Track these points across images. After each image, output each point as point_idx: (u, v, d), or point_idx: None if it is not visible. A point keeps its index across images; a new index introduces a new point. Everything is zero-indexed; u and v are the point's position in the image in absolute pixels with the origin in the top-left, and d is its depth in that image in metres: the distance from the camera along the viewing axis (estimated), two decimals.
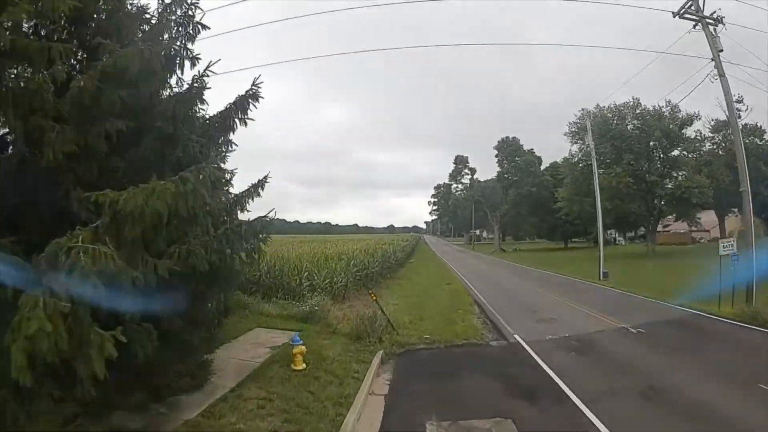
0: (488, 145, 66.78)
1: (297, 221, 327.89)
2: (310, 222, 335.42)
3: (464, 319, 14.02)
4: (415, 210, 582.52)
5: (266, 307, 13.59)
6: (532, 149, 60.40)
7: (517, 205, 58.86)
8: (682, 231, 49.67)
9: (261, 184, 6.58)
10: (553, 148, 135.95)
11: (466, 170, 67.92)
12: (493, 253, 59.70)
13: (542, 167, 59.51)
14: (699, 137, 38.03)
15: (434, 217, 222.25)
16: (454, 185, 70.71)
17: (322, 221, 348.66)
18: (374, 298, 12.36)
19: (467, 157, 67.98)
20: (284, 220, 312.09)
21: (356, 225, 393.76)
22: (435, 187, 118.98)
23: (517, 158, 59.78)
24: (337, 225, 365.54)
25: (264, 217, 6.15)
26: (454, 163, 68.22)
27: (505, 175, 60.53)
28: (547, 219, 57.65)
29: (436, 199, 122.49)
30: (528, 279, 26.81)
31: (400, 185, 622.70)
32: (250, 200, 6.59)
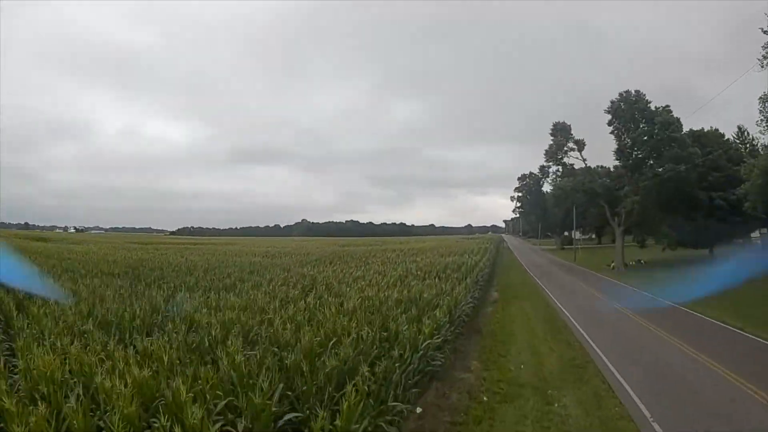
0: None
1: (371, 222, 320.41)
2: (385, 223, 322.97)
3: None
4: (493, 208, 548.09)
5: None
6: (668, 106, 39.06)
7: (650, 195, 38.38)
8: None
9: None
10: None
11: (571, 144, 46.48)
12: (614, 271, 39.97)
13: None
14: None
15: (515, 215, 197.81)
16: (554, 167, 49.28)
17: (398, 222, 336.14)
18: None
19: (570, 125, 47.23)
20: (357, 221, 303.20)
21: (432, 225, 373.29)
22: (519, 178, 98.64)
23: (644, 120, 38.98)
24: (413, 226, 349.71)
25: None
26: (552, 134, 47.41)
27: (630, 150, 40.13)
28: (694, 216, 36.74)
29: (520, 194, 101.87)
30: None
31: (476, 183, 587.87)
32: None
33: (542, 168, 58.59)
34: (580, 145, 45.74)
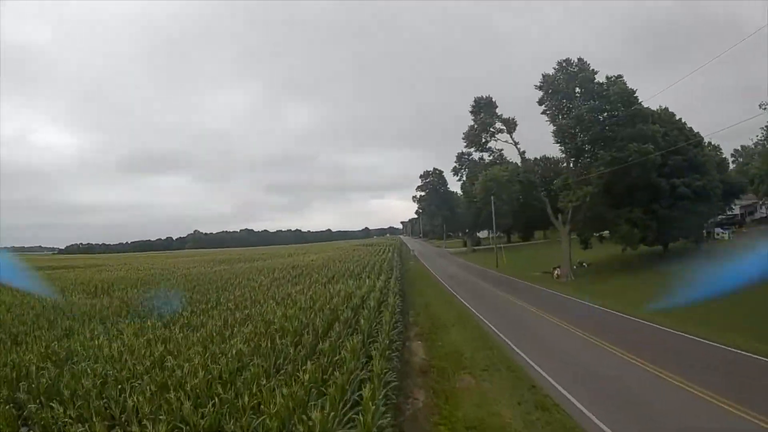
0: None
1: (266, 230, 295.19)
2: (281, 230, 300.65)
3: None
4: (389, 211, 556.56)
5: None
6: (621, 76, 30.94)
7: (608, 184, 30.04)
8: None
9: None
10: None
11: (498, 124, 35.94)
12: (559, 281, 30.96)
13: None
14: None
15: (415, 216, 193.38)
16: (476, 154, 39.07)
17: (293, 228, 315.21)
18: None
19: (496, 102, 36.52)
20: (251, 230, 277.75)
21: (329, 230, 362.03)
22: (422, 176, 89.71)
23: (591, 95, 30.54)
24: (309, 232, 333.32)
25: None
26: (473, 113, 36.80)
27: (573, 131, 31.38)
28: (655, 208, 29.28)
29: (423, 193, 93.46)
30: None
31: (372, 187, 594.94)
32: None
33: (460, 156, 49.00)
34: (510, 125, 36.14)
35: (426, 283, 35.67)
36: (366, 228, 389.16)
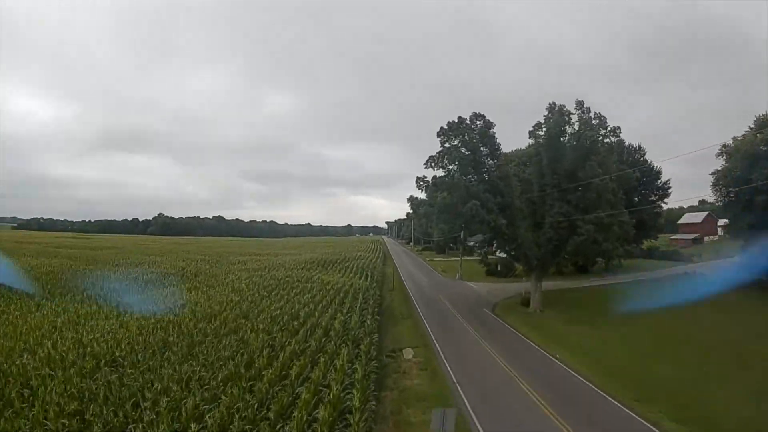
0: None
1: (238, 219, 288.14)
2: (255, 221, 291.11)
3: None
4: (374, 209, 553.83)
5: None
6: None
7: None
8: None
9: None
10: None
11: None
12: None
13: None
14: None
15: (405, 217, 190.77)
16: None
17: (269, 219, 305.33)
18: None
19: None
20: (222, 217, 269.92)
21: (309, 224, 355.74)
22: (427, 161, 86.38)
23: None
24: (286, 225, 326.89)
25: None
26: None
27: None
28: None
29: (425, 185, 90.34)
30: None
31: (357, 182, 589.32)
32: None
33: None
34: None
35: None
36: (349, 225, 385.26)
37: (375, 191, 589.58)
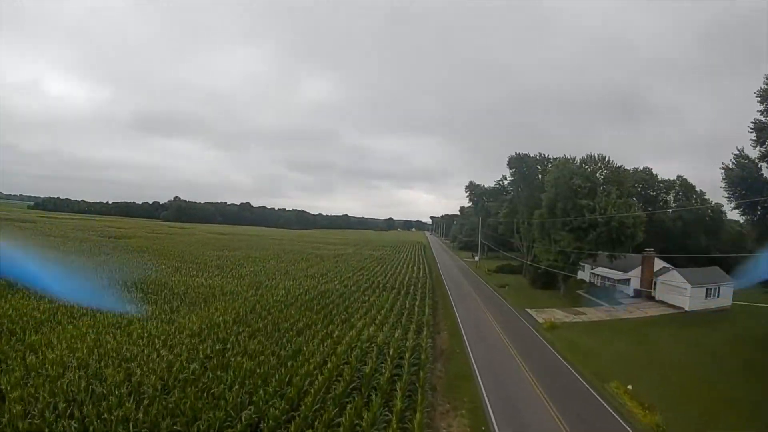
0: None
1: (263, 207, 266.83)
2: (284, 209, 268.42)
3: None
4: (417, 204, 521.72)
5: None
6: None
7: None
8: None
9: None
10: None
11: None
12: None
13: None
14: None
15: (458, 213, 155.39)
16: None
17: (300, 208, 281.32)
18: None
19: None
20: (233, 204, 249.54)
21: (346, 216, 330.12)
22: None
23: None
24: (320, 215, 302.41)
25: None
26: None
27: None
28: None
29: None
30: None
31: (399, 176, 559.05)
32: None
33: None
34: None
35: None
36: (390, 218, 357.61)
37: (419, 184, 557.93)
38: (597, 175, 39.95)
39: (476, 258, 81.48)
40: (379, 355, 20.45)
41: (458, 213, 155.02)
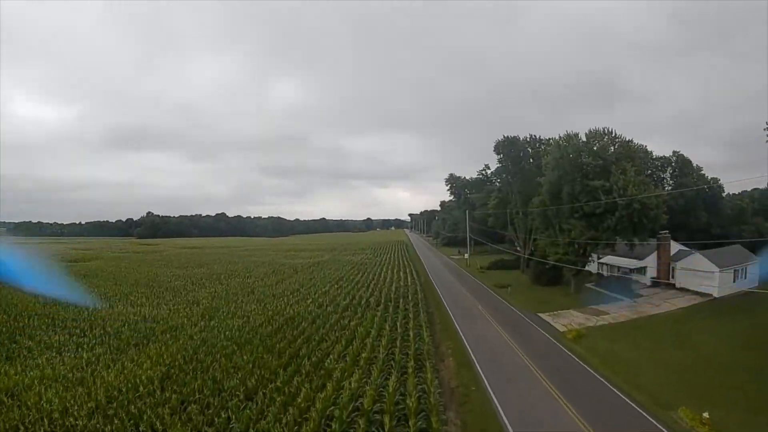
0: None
1: (238, 216, 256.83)
2: (260, 217, 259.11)
3: None
4: (395, 202, 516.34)
5: None
6: None
7: None
8: None
9: None
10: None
11: None
12: None
13: None
14: None
15: (438, 208, 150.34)
16: None
17: (276, 215, 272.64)
18: None
19: None
20: (208, 215, 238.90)
21: (324, 219, 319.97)
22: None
23: None
24: (296, 220, 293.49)
25: None
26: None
27: None
28: None
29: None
30: None
31: (377, 175, 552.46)
32: None
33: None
34: None
35: None
36: (368, 219, 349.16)
37: (396, 182, 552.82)
38: (608, 150, 34.75)
39: (465, 255, 75.50)
40: (369, 427, 13.97)
41: (438, 208, 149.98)
